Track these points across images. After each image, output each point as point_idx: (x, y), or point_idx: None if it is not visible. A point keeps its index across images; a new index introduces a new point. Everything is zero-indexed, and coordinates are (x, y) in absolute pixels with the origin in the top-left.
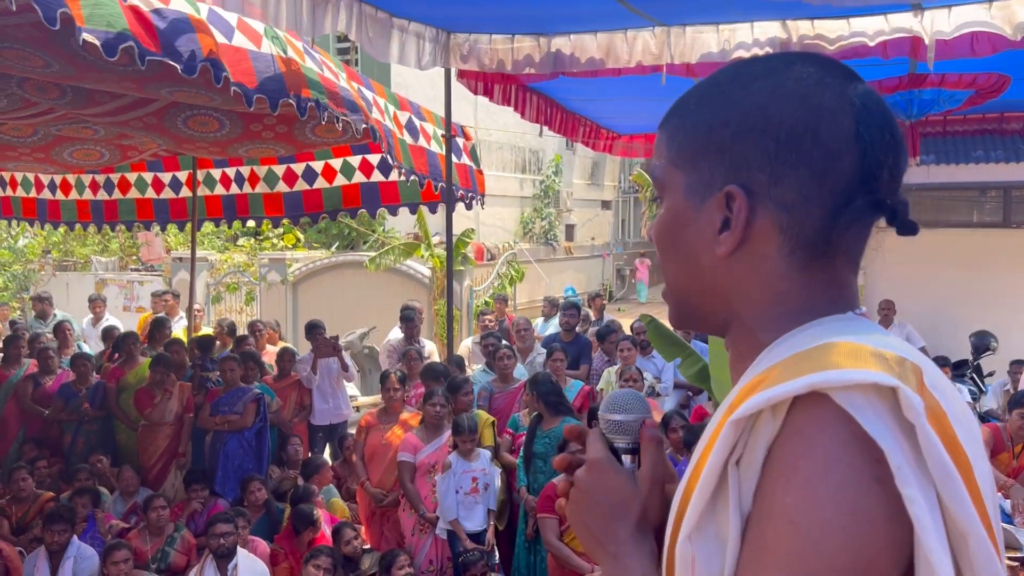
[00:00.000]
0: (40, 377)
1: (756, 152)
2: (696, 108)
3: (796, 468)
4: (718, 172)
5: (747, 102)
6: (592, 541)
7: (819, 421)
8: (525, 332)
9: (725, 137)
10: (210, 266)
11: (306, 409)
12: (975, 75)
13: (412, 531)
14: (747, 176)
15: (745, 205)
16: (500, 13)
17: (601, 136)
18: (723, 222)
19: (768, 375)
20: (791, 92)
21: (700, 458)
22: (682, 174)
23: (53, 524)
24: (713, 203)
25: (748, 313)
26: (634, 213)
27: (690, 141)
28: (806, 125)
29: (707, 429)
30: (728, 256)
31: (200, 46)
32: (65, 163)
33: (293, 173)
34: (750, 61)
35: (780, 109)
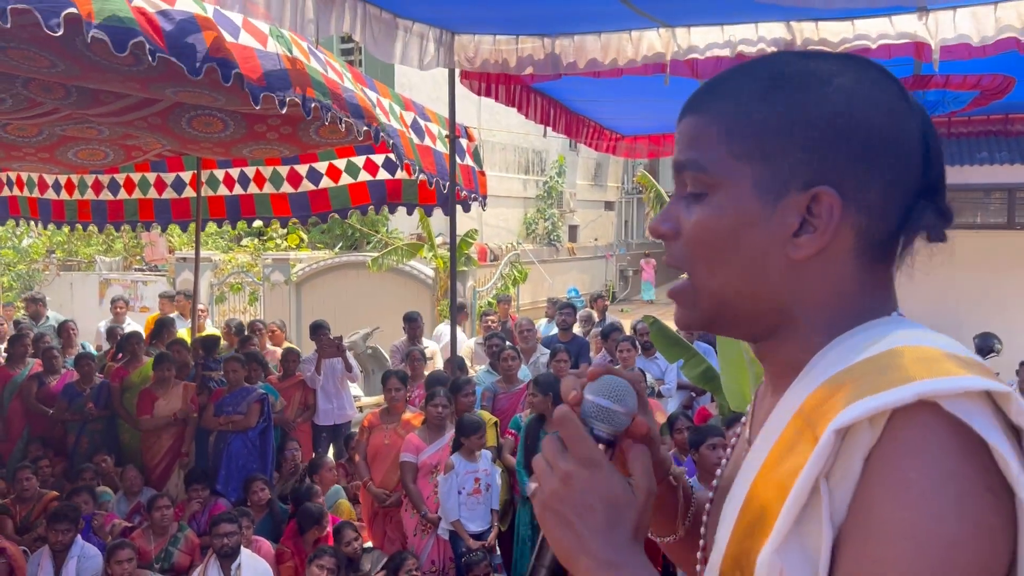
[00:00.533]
0: (44, 376)
1: (845, 153)
2: (764, 99)
3: (908, 482)
4: (800, 171)
5: (834, 100)
6: (578, 547)
7: (928, 431)
8: (528, 333)
9: (812, 135)
10: (214, 266)
11: (310, 409)
12: (980, 76)
13: (414, 531)
14: (835, 177)
15: (839, 209)
16: (504, 14)
17: (604, 137)
18: (799, 223)
19: (847, 381)
20: (875, 95)
21: (769, 463)
22: (749, 169)
23: (57, 523)
24: (790, 203)
25: (807, 316)
26: (638, 214)
27: (762, 134)
28: (890, 130)
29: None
30: (803, 259)
31: (207, 46)
32: (70, 163)
33: (297, 174)
34: (815, 55)
35: (868, 111)
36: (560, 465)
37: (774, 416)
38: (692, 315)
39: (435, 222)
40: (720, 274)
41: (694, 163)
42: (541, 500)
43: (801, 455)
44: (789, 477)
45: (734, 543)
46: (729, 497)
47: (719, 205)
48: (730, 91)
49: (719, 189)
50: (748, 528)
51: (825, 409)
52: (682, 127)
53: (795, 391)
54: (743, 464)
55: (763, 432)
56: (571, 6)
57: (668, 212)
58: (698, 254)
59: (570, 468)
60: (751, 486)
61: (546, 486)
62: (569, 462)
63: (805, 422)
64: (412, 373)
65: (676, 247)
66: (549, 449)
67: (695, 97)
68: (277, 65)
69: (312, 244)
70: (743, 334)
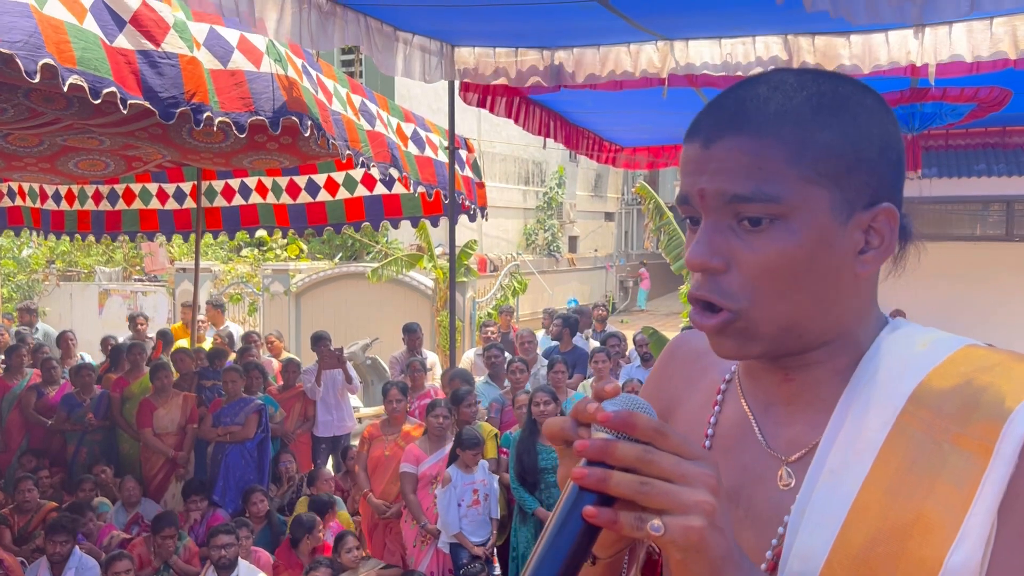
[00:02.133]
0: (43, 387)
1: (892, 170)
2: (820, 120)
3: None
4: (865, 190)
5: (875, 119)
6: (735, 559)
7: None
8: (529, 345)
9: (872, 154)
10: (213, 277)
11: (310, 420)
12: (977, 89)
13: (414, 542)
14: (889, 194)
15: (897, 222)
16: (504, 28)
17: (604, 148)
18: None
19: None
20: (890, 114)
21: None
22: (826, 192)
23: (55, 535)
24: (857, 222)
25: (857, 328)
26: (637, 225)
27: (833, 155)
28: (901, 149)
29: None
30: (867, 275)
31: (184, 90)
32: (71, 173)
33: (296, 185)
34: (830, 76)
35: (894, 129)
36: (702, 472)
37: (852, 423)
38: (751, 346)
39: (434, 233)
40: (790, 300)
41: (761, 194)
42: (700, 525)
43: (958, 459)
44: (956, 483)
45: (852, 549)
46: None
47: (793, 230)
48: (779, 112)
49: (791, 215)
50: (888, 533)
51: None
52: (726, 149)
53: (870, 397)
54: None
55: (843, 441)
56: (570, 20)
57: (713, 244)
58: (764, 285)
59: (712, 472)
60: (860, 494)
61: (699, 505)
62: (706, 467)
63: (929, 427)
64: (412, 384)
65: (727, 283)
66: (667, 461)
67: (730, 116)
68: (269, 87)
69: (312, 255)
70: (795, 350)
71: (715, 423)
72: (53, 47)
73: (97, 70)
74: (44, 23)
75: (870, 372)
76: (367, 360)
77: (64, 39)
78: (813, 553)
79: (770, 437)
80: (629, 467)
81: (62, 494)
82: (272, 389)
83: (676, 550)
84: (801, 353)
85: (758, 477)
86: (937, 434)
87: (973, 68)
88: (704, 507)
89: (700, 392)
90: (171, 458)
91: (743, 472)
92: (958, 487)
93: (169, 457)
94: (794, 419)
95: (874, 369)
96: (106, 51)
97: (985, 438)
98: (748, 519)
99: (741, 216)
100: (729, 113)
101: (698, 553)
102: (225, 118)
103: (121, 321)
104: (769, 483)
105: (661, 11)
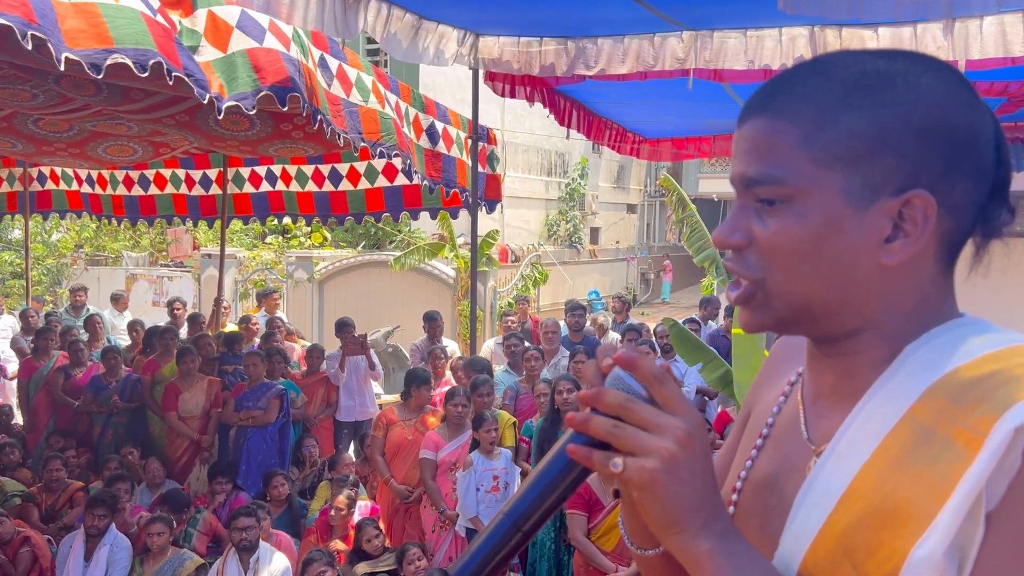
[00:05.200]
0: (70, 369)
1: (939, 156)
2: (849, 101)
3: None
4: (894, 175)
5: (924, 102)
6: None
7: None
8: (553, 335)
9: (906, 138)
10: (238, 263)
11: (332, 406)
12: (1007, 83)
13: (432, 528)
14: (928, 181)
15: (934, 212)
16: (528, 17)
17: (627, 140)
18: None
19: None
20: (958, 95)
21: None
22: (839, 175)
23: (95, 508)
24: (882, 208)
25: (892, 318)
26: (659, 217)
27: (851, 139)
28: (974, 132)
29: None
30: (896, 265)
31: None
32: (99, 159)
33: (320, 174)
34: (888, 54)
35: (955, 112)
36: (674, 423)
37: (868, 411)
38: (764, 317)
39: (457, 223)
40: (802, 281)
41: (769, 176)
42: (652, 467)
43: (948, 452)
44: (940, 475)
45: (835, 533)
46: (805, 491)
47: (801, 213)
48: (805, 93)
49: (800, 197)
50: (869, 520)
51: (966, 407)
52: (747, 131)
53: (892, 388)
54: (827, 457)
55: (855, 427)
56: (594, 10)
57: (736, 222)
58: (777, 263)
59: (688, 427)
60: (855, 478)
61: (657, 450)
62: (683, 421)
63: (935, 419)
64: (434, 372)
65: (748, 258)
66: (644, 410)
67: (762, 98)
68: (299, 71)
69: (335, 243)
70: (816, 334)
71: (776, 414)
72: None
73: (139, 43)
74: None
75: (906, 364)
76: (388, 348)
77: (98, 21)
78: (804, 533)
79: (811, 428)
80: (614, 413)
81: (88, 474)
82: (295, 374)
83: (632, 488)
84: (832, 341)
85: (793, 466)
86: (941, 426)
87: (1005, 61)
88: (662, 452)
89: (776, 387)
90: (195, 441)
91: (784, 461)
92: (941, 480)
93: (193, 440)
94: (832, 410)
95: (912, 361)
96: (147, 23)
97: (979, 431)
98: (780, 506)
99: (759, 197)
100: (761, 95)
101: (651, 494)
102: (268, 91)
103: (148, 305)
104: (800, 472)
105: (686, 1)
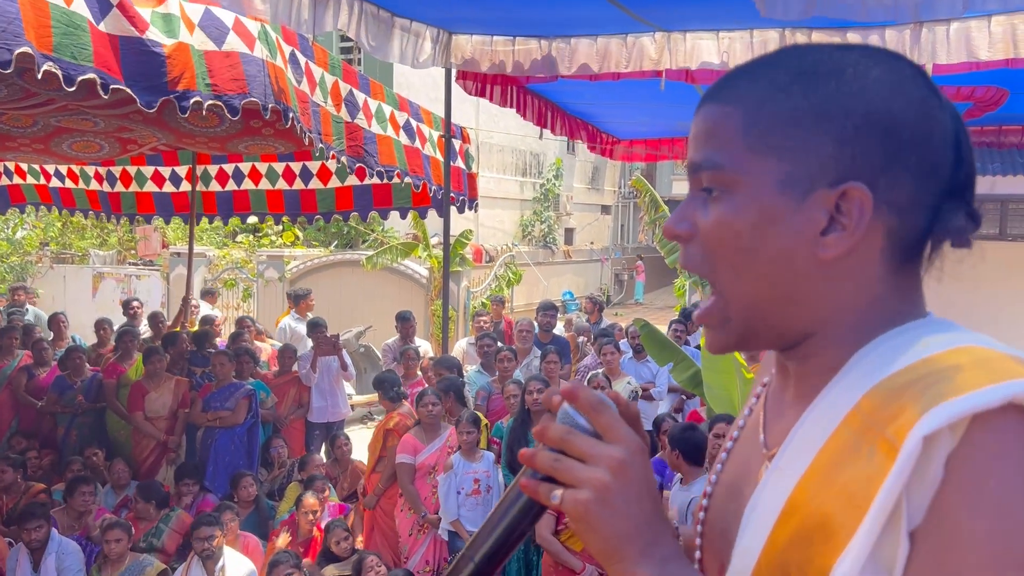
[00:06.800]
0: (34, 368)
1: (880, 150)
2: (793, 89)
3: (987, 489)
4: (831, 166)
5: (870, 93)
6: (636, 540)
7: (1012, 436)
8: (527, 335)
9: (846, 128)
10: (208, 262)
11: (304, 406)
12: (973, 88)
13: (409, 532)
14: (867, 174)
15: (870, 206)
16: (502, 16)
17: (601, 140)
18: (828, 221)
19: (912, 383)
20: (910, 90)
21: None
22: (774, 163)
23: (28, 522)
24: (818, 200)
25: (839, 319)
26: (633, 218)
27: (789, 126)
28: (923, 126)
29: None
30: (833, 259)
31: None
32: (64, 155)
33: (291, 171)
34: (845, 47)
35: (903, 106)
36: (607, 453)
37: (811, 420)
38: (727, 335)
39: (430, 222)
40: (746, 278)
41: (709, 161)
42: (585, 498)
43: (870, 462)
44: (860, 486)
45: (775, 551)
46: (752, 504)
47: (738, 203)
48: (754, 80)
49: (738, 186)
50: (800, 537)
51: (892, 413)
52: (698, 119)
53: (835, 394)
54: (771, 470)
55: (799, 437)
56: (567, 9)
57: (683, 212)
58: (719, 256)
59: (622, 455)
60: (793, 492)
61: (590, 480)
62: (619, 450)
63: (865, 426)
64: (406, 372)
65: (693, 250)
66: (581, 441)
67: (715, 86)
68: (261, 71)
69: (307, 242)
70: (776, 343)
71: (747, 416)
72: (32, 32)
73: (74, 57)
74: (28, 6)
75: (854, 369)
76: (360, 348)
77: (45, 23)
78: (750, 551)
79: (768, 432)
80: (556, 447)
81: (52, 476)
82: (266, 374)
83: (571, 520)
84: (792, 347)
85: (749, 471)
86: (870, 434)
87: (971, 66)
88: (595, 483)
89: (753, 395)
90: (162, 442)
91: (743, 466)
92: (862, 493)
93: (160, 441)
94: (786, 415)
95: (860, 365)
96: (92, 34)
97: (896, 440)
98: (737, 514)
99: (702, 185)
100: (717, 83)
101: (586, 524)
102: (217, 101)
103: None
104: (755, 478)
105: (659, 2)
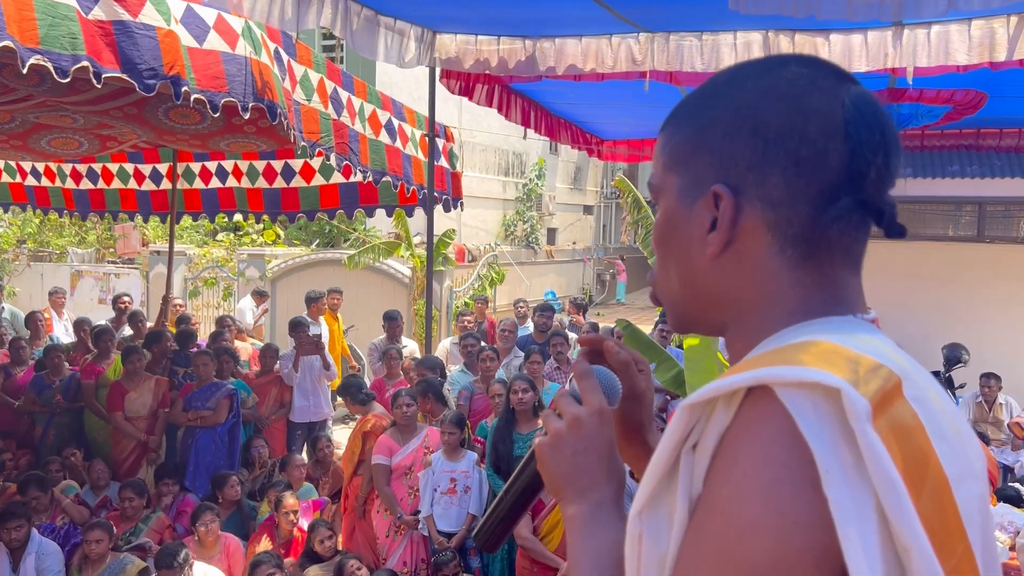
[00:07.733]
0: (11, 368)
1: (745, 151)
2: (690, 110)
3: (736, 461)
4: (708, 173)
5: (738, 101)
6: (574, 482)
7: (763, 416)
8: (510, 334)
9: (715, 137)
10: (188, 260)
11: (286, 406)
12: (953, 91)
13: (386, 533)
14: (735, 175)
15: (731, 204)
16: (486, 15)
17: (584, 140)
18: (712, 222)
19: (738, 368)
20: (783, 91)
21: None
22: (676, 176)
23: (7, 522)
24: (702, 204)
25: (741, 314)
26: (616, 218)
27: (683, 143)
28: (794, 124)
29: None
30: (718, 256)
31: (163, 62)
32: (43, 151)
33: (273, 169)
34: (749, 62)
35: (769, 108)
36: (571, 410)
37: None
38: (670, 319)
39: (413, 221)
40: (667, 276)
41: (650, 178)
42: (543, 442)
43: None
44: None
45: None
46: None
47: (660, 212)
48: (677, 109)
49: (660, 197)
50: None
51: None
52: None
53: None
54: None
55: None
56: (552, 9)
57: None
58: (657, 259)
59: (580, 414)
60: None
61: (552, 428)
62: (581, 410)
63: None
64: (388, 372)
65: None
66: (562, 400)
67: (673, 110)
68: (243, 70)
69: (288, 240)
70: (708, 331)
71: None
72: (15, 26)
73: (64, 48)
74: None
75: None
76: None
77: (29, 16)
78: None
79: None
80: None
81: None
82: (248, 374)
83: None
84: (717, 334)
85: None
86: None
87: (950, 69)
88: (553, 431)
89: None
90: (142, 442)
91: None
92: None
93: (140, 441)
94: None
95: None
96: (81, 23)
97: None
98: None
99: None
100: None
101: (540, 463)
102: (201, 95)
103: (93, 303)
104: None
105: (643, 2)
